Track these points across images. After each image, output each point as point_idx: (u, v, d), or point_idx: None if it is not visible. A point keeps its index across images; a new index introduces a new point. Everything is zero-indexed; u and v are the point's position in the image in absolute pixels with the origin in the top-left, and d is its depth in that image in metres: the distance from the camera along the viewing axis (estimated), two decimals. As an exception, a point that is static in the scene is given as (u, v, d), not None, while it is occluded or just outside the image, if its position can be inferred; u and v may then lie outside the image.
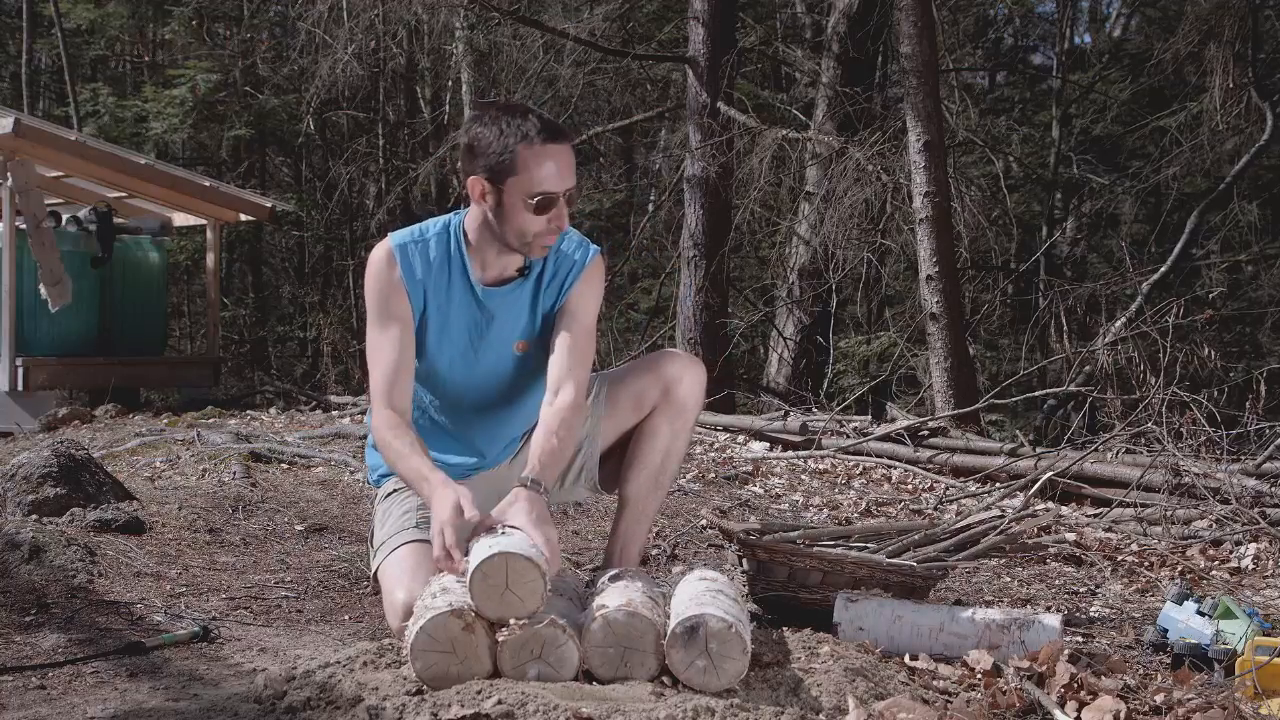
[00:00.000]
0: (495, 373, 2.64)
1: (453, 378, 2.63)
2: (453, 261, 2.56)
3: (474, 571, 2.01)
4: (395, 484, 2.66)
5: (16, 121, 7.73)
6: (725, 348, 9.52)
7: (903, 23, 7.47)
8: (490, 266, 2.57)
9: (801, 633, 2.38)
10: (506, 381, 2.66)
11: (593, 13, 10.53)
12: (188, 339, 15.45)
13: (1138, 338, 6.71)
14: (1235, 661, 2.44)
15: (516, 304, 2.61)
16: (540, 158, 2.40)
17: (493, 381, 2.65)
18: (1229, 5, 9.87)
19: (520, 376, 2.67)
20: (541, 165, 2.40)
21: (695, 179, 9.23)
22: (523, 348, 2.63)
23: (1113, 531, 4.38)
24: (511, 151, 2.40)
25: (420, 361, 2.61)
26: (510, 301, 2.60)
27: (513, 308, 2.60)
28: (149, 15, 15.29)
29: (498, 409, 2.69)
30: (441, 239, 2.57)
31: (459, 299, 2.57)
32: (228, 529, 3.76)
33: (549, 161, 2.40)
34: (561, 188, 2.43)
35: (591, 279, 2.64)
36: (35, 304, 8.13)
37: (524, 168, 2.40)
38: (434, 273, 2.55)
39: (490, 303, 2.58)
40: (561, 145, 2.43)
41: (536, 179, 2.40)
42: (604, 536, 3.84)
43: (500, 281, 2.59)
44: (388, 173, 14.42)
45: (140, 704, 2.13)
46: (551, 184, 2.41)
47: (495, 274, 2.58)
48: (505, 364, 2.64)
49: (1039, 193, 13.35)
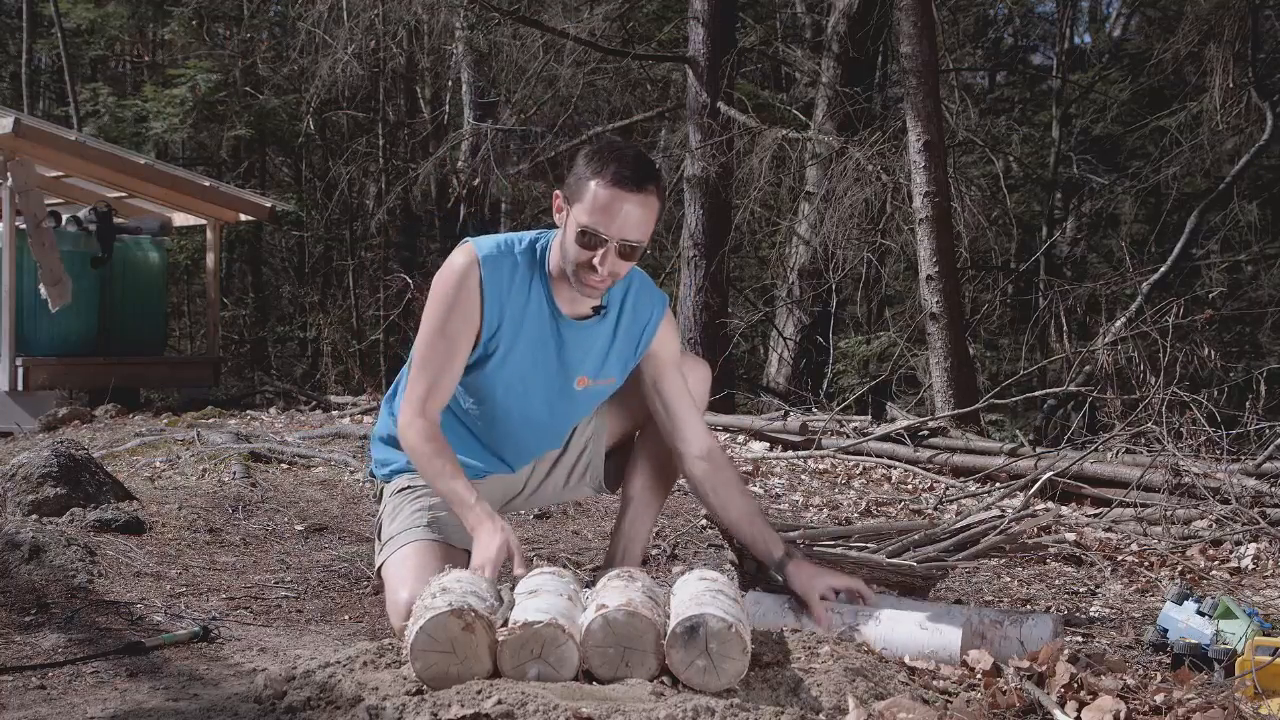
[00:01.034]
0: (549, 402, 2.62)
1: (506, 399, 2.60)
2: (534, 283, 2.53)
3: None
4: (409, 480, 2.66)
5: (16, 121, 7.73)
6: (725, 348, 9.52)
7: (903, 23, 7.48)
8: (566, 294, 2.53)
9: (801, 633, 2.38)
10: (558, 412, 2.66)
11: (593, 13, 10.52)
12: (188, 339, 15.45)
13: (1138, 338, 6.71)
14: (1235, 661, 2.44)
15: (592, 340, 2.59)
16: (604, 197, 2.38)
17: (544, 410, 2.63)
18: (1229, 5, 9.87)
19: (572, 410, 2.67)
20: (600, 203, 2.38)
21: (695, 179, 9.24)
22: (584, 384, 2.62)
23: (1113, 531, 4.38)
24: (585, 180, 2.40)
25: (476, 376, 2.58)
26: (586, 336, 2.58)
27: (586, 343, 2.58)
28: (149, 15, 15.29)
29: (536, 431, 2.68)
30: (527, 256, 2.53)
31: (533, 321, 2.53)
32: (228, 529, 3.76)
33: (612, 203, 2.38)
34: (613, 233, 2.39)
35: (671, 328, 2.69)
36: (35, 304, 8.12)
37: (586, 198, 2.39)
38: (516, 289, 2.51)
39: (566, 332, 2.56)
40: (630, 192, 2.38)
41: (589, 212, 2.39)
42: (604, 536, 3.85)
43: (579, 315, 2.57)
44: (388, 173, 14.42)
45: (140, 704, 2.13)
46: (601, 223, 2.38)
47: (572, 303, 2.55)
48: (563, 397, 2.62)
49: (1039, 193, 13.35)
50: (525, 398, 2.60)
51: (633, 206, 2.39)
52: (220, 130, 14.49)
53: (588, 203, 2.39)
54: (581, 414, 2.73)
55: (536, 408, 2.62)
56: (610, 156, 2.41)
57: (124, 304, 9.00)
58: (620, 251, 2.41)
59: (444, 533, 2.52)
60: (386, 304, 13.64)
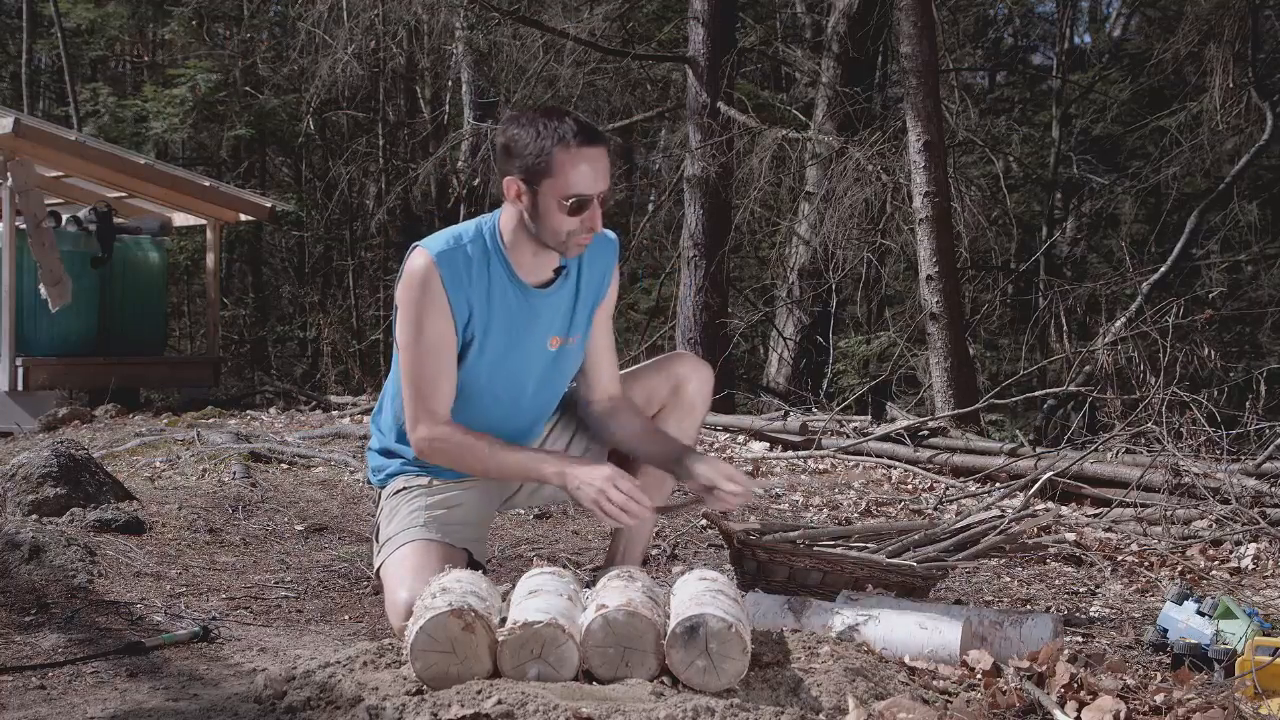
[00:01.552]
0: (524, 368, 2.63)
1: (492, 383, 2.62)
2: (492, 264, 2.54)
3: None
4: (404, 482, 2.66)
5: (16, 121, 7.73)
6: (725, 348, 9.51)
7: (903, 23, 7.47)
8: (528, 266, 2.56)
9: (801, 633, 2.38)
10: (533, 377, 2.66)
11: (593, 13, 10.52)
12: (188, 339, 15.45)
13: (1138, 338, 6.71)
14: (1235, 661, 2.44)
15: (560, 303, 2.62)
16: (575, 160, 2.41)
17: (520, 377, 2.64)
18: (1229, 5, 9.87)
19: (546, 372, 2.67)
20: (576, 168, 2.41)
21: (695, 179, 9.24)
22: (556, 343, 2.64)
23: (1113, 531, 4.38)
24: (548, 154, 2.41)
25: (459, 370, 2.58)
26: (554, 301, 2.61)
27: (555, 305, 2.61)
28: (149, 15, 15.29)
29: (516, 404, 2.68)
30: (478, 243, 2.54)
31: (500, 301, 2.55)
32: (228, 529, 3.76)
33: (584, 164, 2.41)
34: (596, 190, 2.43)
35: (616, 273, 2.74)
36: (35, 304, 8.13)
37: (559, 170, 2.41)
38: (474, 278, 2.53)
39: (535, 301, 2.58)
40: (597, 148, 2.43)
41: (571, 181, 2.41)
42: (604, 536, 3.84)
43: (542, 283, 2.59)
44: (388, 173, 14.42)
45: (140, 704, 2.13)
46: (585, 186, 2.42)
47: (534, 274, 2.58)
48: (536, 360, 2.63)
49: (1039, 193, 13.34)
50: (511, 376, 2.61)
51: (600, 157, 2.44)
52: (220, 130, 14.49)
53: (565, 172, 2.41)
54: (562, 382, 2.74)
55: (522, 383, 2.64)
56: (554, 123, 2.43)
57: (124, 304, 9.00)
58: (601, 202, 2.47)
59: (441, 532, 2.52)
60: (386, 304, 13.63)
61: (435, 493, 2.60)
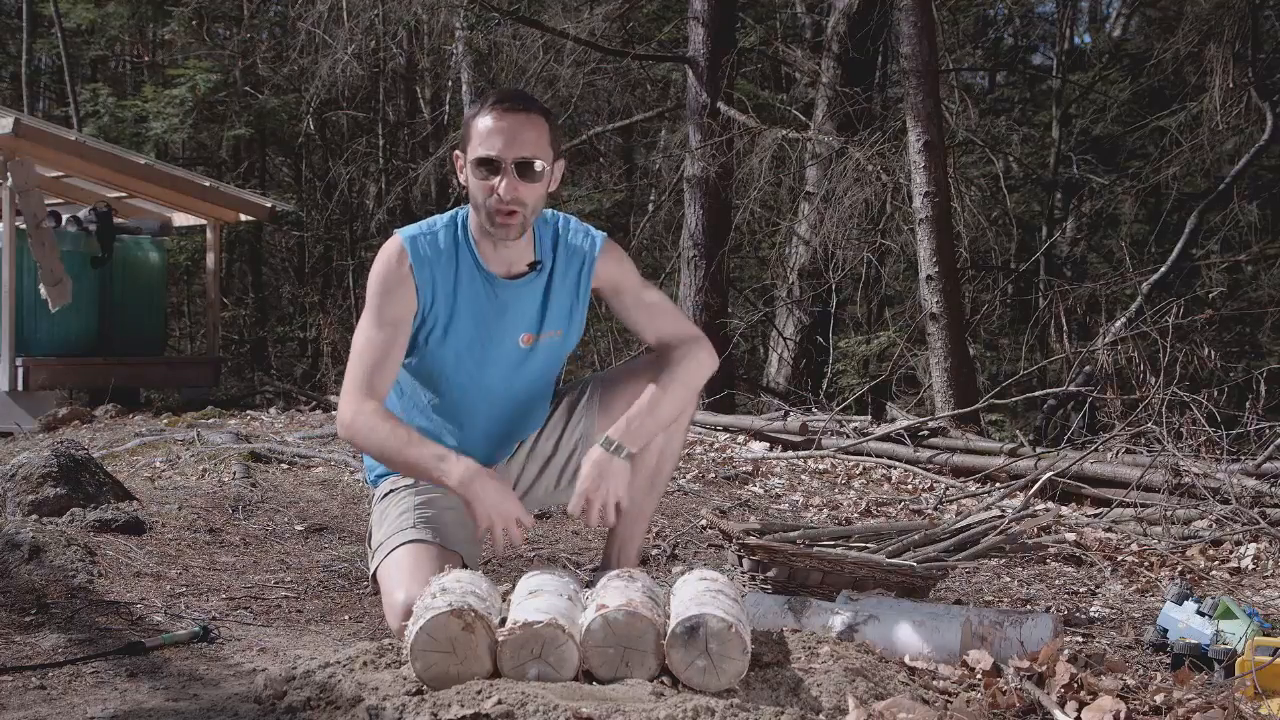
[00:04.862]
0: (500, 368, 2.63)
1: (458, 373, 2.62)
2: (460, 251, 2.56)
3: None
4: (393, 484, 2.66)
5: (16, 121, 7.72)
6: (725, 348, 9.51)
7: (903, 23, 7.48)
8: (493, 256, 2.57)
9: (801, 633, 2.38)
10: (511, 377, 2.65)
11: (593, 13, 10.52)
12: (188, 339, 15.45)
13: (1138, 338, 6.70)
14: (1235, 661, 2.44)
15: (529, 297, 2.61)
16: (485, 122, 2.44)
17: (497, 377, 2.64)
18: (1229, 5, 9.87)
19: (524, 372, 2.66)
20: (485, 130, 2.44)
21: (695, 179, 9.24)
22: (528, 341, 2.63)
23: (1113, 531, 4.38)
24: (469, 122, 2.47)
25: (423, 359, 2.60)
26: (523, 294, 2.60)
27: (525, 300, 2.60)
28: (149, 15, 15.29)
29: (500, 407, 2.68)
30: (449, 230, 2.58)
31: (467, 289, 2.56)
32: (228, 529, 3.76)
33: (492, 126, 2.43)
34: (505, 154, 2.42)
35: (611, 260, 2.67)
36: (35, 304, 8.12)
37: (473, 134, 2.46)
38: (443, 263, 2.54)
39: (504, 294, 2.58)
40: (514, 114, 2.43)
41: (477, 142, 2.44)
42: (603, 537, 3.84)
43: (513, 275, 2.59)
44: (388, 173, 14.42)
45: (140, 704, 2.13)
46: (490, 147, 2.42)
47: (502, 265, 2.58)
48: (510, 358, 2.63)
49: (1039, 193, 13.35)
50: (478, 368, 2.61)
51: (518, 124, 2.43)
52: (220, 130, 14.49)
53: (477, 137, 2.44)
54: (539, 379, 2.70)
55: (491, 376, 2.62)
56: (487, 96, 2.49)
57: (124, 304, 9.00)
58: (519, 171, 2.43)
59: (432, 533, 2.52)
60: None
61: (422, 492, 2.60)
